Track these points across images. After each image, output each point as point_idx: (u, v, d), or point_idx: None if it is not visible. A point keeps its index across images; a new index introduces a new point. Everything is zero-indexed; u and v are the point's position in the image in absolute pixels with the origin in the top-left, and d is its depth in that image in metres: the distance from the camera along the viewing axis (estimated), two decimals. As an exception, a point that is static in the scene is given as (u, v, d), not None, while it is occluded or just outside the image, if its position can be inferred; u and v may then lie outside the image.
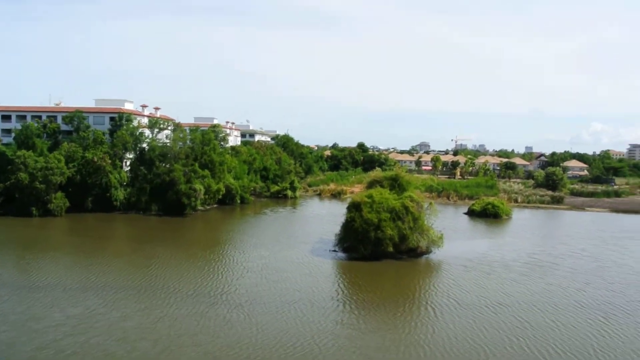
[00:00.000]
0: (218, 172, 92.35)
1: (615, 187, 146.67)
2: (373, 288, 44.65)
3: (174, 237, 66.59)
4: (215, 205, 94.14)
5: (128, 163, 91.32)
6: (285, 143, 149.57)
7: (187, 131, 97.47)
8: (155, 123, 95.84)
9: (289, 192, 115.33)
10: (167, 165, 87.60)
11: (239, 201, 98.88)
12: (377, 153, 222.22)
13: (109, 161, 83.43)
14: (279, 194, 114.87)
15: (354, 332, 33.63)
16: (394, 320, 36.42)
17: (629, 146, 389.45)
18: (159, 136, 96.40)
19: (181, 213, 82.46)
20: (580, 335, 33.81)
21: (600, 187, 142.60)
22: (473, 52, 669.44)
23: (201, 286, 42.59)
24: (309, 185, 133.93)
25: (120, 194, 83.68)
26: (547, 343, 32.22)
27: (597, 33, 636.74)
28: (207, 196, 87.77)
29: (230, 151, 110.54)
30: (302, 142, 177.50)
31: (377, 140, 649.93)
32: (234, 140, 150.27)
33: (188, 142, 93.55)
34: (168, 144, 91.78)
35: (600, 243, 69.36)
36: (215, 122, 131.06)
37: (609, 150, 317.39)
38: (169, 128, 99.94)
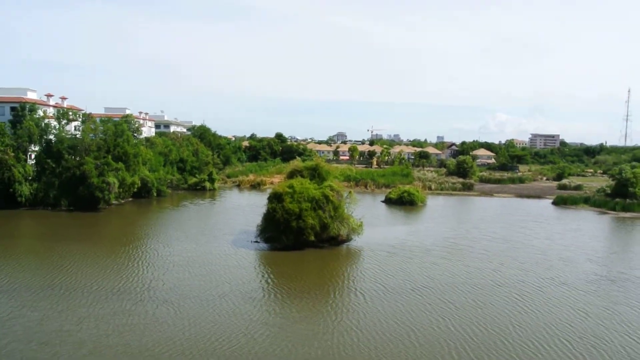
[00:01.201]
0: (132, 165, 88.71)
1: (519, 174, 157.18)
2: (301, 277, 44.97)
3: (90, 233, 63.17)
4: (130, 199, 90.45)
5: (33, 156, 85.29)
6: (202, 134, 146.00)
7: (98, 122, 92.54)
8: (63, 114, 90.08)
9: (208, 184, 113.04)
10: (78, 158, 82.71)
11: (155, 194, 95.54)
12: (295, 143, 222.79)
13: (12, 154, 77.54)
14: (197, 186, 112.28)
15: (286, 321, 33.72)
16: (325, 307, 36.89)
17: (530, 136, 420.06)
18: (68, 127, 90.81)
19: (94, 208, 78.50)
20: (500, 313, 36.02)
21: (506, 174, 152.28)
22: (388, 44, 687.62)
23: (125, 283, 40.79)
24: (228, 177, 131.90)
25: (25, 189, 78.02)
26: (470, 322, 34.06)
27: (501, 28, 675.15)
28: (121, 190, 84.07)
29: (144, 143, 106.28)
30: (219, 132, 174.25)
31: (295, 130, 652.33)
32: (148, 131, 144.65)
33: (100, 133, 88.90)
34: (78, 136, 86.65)
35: (508, 226, 74.02)
36: (128, 112, 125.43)
37: (513, 139, 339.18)
38: (79, 119, 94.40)
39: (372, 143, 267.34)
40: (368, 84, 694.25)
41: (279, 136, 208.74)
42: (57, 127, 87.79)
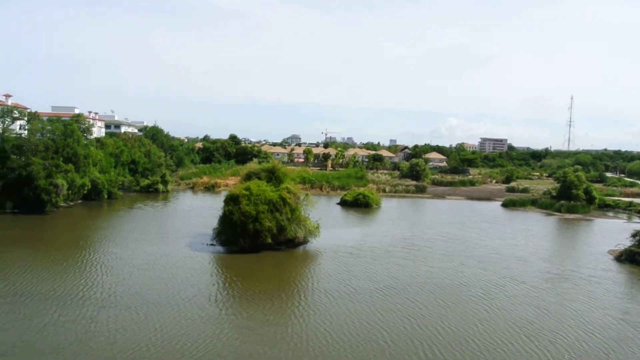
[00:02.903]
0: (83, 166, 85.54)
1: (469, 176, 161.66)
2: (265, 279, 44.79)
3: (40, 237, 60.46)
4: (80, 201, 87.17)
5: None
6: (154, 135, 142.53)
7: (46, 121, 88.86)
8: (8, 112, 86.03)
9: (160, 186, 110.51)
10: (24, 159, 79.13)
11: (106, 196, 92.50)
12: (249, 145, 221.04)
13: (-50, 154, 73.50)
14: (150, 188, 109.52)
15: (256, 324, 33.40)
16: (293, 309, 36.78)
17: (479, 140, 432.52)
18: (12, 127, 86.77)
19: (41, 210, 75.08)
20: (465, 311, 36.96)
21: (457, 177, 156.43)
22: (343, 47, 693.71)
23: (86, 289, 39.23)
24: (181, 179, 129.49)
25: (-35, 191, 74.00)
26: (437, 321, 34.76)
27: (448, 37, 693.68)
28: (70, 192, 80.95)
29: (95, 143, 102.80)
30: (172, 134, 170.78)
31: (249, 132, 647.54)
32: (98, 131, 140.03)
33: (48, 133, 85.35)
34: (24, 135, 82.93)
35: (462, 227, 76.04)
36: (77, 112, 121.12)
37: (463, 143, 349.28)
38: (24, 118, 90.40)
39: (326, 146, 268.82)
40: (322, 87, 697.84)
41: (233, 138, 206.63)
42: (1, 126, 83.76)
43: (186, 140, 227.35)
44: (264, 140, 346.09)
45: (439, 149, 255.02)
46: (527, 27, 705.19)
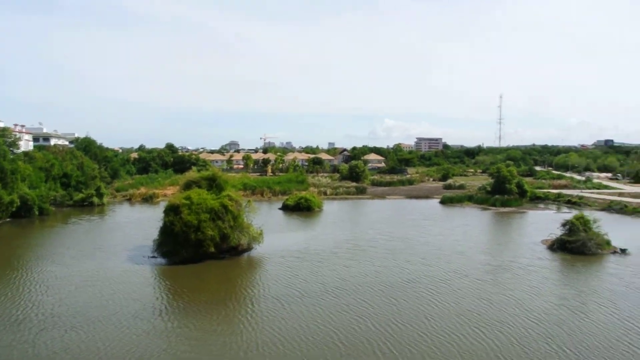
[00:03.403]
0: (10, 182, 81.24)
1: (408, 176, 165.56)
2: (211, 288, 43.98)
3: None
4: (8, 220, 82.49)
5: None
6: (86, 146, 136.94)
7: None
8: None
9: (96, 199, 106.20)
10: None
11: (37, 213, 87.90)
12: (187, 153, 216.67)
13: None
14: (84, 202, 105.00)
15: (206, 334, 32.72)
16: (244, 317, 36.22)
17: (416, 139, 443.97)
18: None
19: (-35, 231, 70.77)
20: (413, 308, 37.74)
21: (396, 177, 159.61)
22: (277, 56, 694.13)
23: (24, 310, 37.03)
24: (117, 191, 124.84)
25: None
26: (387, 318, 35.31)
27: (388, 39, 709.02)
28: (-3, 210, 76.62)
29: (23, 157, 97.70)
30: (106, 144, 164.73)
31: (186, 140, 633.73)
32: (25, 145, 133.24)
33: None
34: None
35: (403, 225, 77.75)
36: (1, 125, 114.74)
37: (400, 143, 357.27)
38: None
39: (265, 151, 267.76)
40: (259, 94, 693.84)
41: (170, 147, 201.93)
42: None
43: (120, 150, 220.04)
44: (202, 148, 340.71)
45: (377, 150, 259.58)
46: (461, 29, 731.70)
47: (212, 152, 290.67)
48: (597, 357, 28.94)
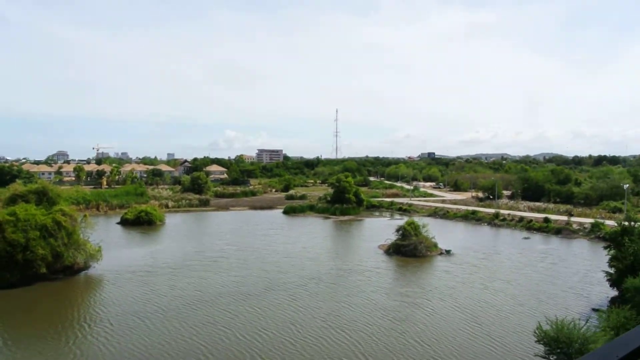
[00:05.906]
0: None
1: (250, 187, 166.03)
2: (43, 315, 38.62)
3: None
4: None
5: None
6: None
7: None
8: None
9: None
10: None
11: None
12: (7, 165, 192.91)
13: None
14: None
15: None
16: (98, 338, 32.78)
17: (257, 151, 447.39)
18: None
19: None
20: (277, 315, 38.03)
21: (239, 188, 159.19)
22: (105, 58, 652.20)
23: None
24: None
25: None
26: (254, 328, 35.14)
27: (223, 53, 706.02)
28: None
29: None
30: None
31: (4, 150, 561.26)
32: None
33: None
34: None
35: (250, 236, 78.24)
36: None
37: (242, 154, 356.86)
38: None
39: (99, 162, 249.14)
40: (91, 98, 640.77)
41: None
42: None
43: None
44: (24, 159, 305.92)
45: (218, 162, 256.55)
46: (298, 46, 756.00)
47: (37, 163, 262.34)
48: (446, 346, 31.81)
